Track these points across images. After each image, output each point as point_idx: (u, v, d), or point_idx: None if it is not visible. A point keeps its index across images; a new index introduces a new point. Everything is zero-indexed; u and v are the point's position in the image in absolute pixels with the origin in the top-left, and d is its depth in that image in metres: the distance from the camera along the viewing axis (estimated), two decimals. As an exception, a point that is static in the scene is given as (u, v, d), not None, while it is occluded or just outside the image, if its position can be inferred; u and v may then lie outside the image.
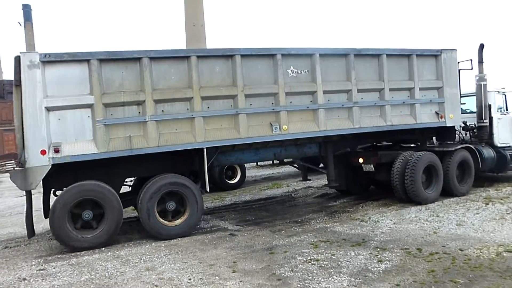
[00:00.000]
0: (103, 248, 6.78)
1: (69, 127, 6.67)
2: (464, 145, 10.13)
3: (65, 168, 6.80)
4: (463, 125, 11.39)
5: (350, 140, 9.30)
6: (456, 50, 9.63)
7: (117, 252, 6.54)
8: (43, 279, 5.52)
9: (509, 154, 11.27)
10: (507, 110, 11.89)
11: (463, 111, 11.60)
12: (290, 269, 5.36)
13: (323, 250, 6.10)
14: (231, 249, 6.47)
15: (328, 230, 7.36)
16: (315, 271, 5.24)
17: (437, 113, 9.37)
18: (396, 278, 4.88)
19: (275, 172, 16.59)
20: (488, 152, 10.81)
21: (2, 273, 5.93)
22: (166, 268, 5.68)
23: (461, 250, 5.74)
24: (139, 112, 7.02)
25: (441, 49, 9.42)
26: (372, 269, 5.20)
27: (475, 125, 11.28)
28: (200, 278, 5.22)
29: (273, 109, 7.87)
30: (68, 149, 6.60)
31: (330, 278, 4.99)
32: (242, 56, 7.63)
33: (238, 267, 5.57)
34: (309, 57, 8.15)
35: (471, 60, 10.35)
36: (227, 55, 7.58)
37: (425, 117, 9.24)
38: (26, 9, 40.68)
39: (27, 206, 6.97)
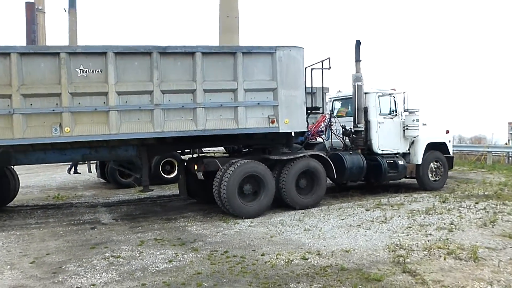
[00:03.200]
0: None
1: None
2: (310, 153, 9.09)
3: None
4: (342, 129, 10.32)
5: (172, 144, 8.72)
6: (297, 47, 8.53)
7: None
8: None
9: (389, 162, 10.00)
10: (395, 113, 10.52)
11: (349, 114, 10.51)
12: (78, 265, 5.69)
13: (141, 248, 6.42)
14: (66, 242, 6.94)
15: (182, 229, 7.64)
16: (95, 267, 5.59)
17: (269, 118, 8.44)
18: (164, 277, 5.15)
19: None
20: (353, 160, 9.67)
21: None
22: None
23: (263, 255, 5.88)
24: None
25: (276, 46, 8.40)
26: (151, 268, 5.48)
27: (351, 129, 10.13)
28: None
29: (54, 110, 7.57)
30: None
31: (97, 275, 5.28)
32: (20, 54, 7.41)
33: (42, 260, 5.97)
34: (102, 55, 7.70)
35: (328, 58, 9.22)
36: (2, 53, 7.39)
37: (253, 122, 8.34)
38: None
39: None
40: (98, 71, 7.70)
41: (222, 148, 13.95)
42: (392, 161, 10.26)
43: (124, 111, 7.81)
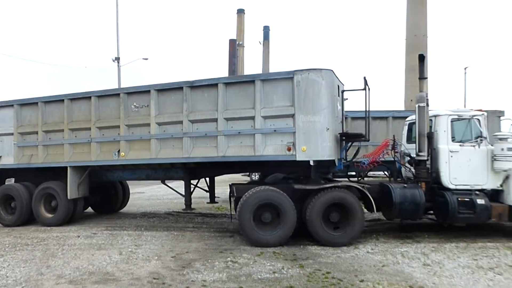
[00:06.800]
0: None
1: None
2: (340, 183, 8.18)
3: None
4: (406, 158, 8.95)
5: (210, 168, 9.42)
6: (317, 69, 7.96)
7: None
8: None
9: (462, 200, 8.07)
10: (475, 140, 8.32)
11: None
12: (202, 263, 6.93)
13: (258, 258, 7.24)
14: (205, 244, 8.30)
15: (303, 247, 8.05)
16: (214, 267, 6.70)
17: (287, 145, 8.16)
18: (261, 284, 5.86)
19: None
20: (406, 194, 8.21)
21: None
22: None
23: (362, 281, 5.98)
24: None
25: (294, 70, 8.10)
26: (255, 275, 6.26)
27: (413, 158, 8.65)
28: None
29: (114, 138, 9.50)
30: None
31: (211, 274, 6.34)
32: (98, 97, 9.71)
33: (181, 256, 7.39)
34: (147, 93, 9.21)
35: (364, 77, 8.17)
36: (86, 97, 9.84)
37: (271, 149, 8.24)
38: (266, 30, 48.96)
39: None
40: (145, 106, 9.27)
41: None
42: (467, 199, 8.11)
43: (162, 139, 9.11)
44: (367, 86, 8.42)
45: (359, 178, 10.08)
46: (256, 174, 18.83)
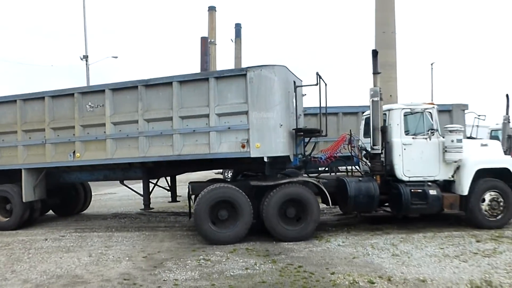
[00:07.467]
0: None
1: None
2: (296, 179, 8.25)
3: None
4: (363, 152, 9.07)
5: (168, 167, 9.36)
6: (270, 66, 7.95)
7: None
8: None
9: (415, 191, 8.26)
10: (426, 132, 8.52)
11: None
12: (174, 263, 6.91)
13: (230, 255, 7.26)
14: (177, 243, 8.24)
15: (276, 243, 8.05)
16: (186, 266, 6.71)
17: (241, 142, 8.16)
18: (233, 281, 5.89)
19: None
20: (361, 188, 8.33)
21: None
22: None
23: (332, 274, 6.07)
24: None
25: (247, 67, 8.10)
26: (227, 272, 6.27)
27: (368, 152, 8.77)
28: None
29: (69, 139, 9.32)
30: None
31: (183, 272, 6.34)
32: (52, 97, 9.49)
33: (152, 256, 7.34)
34: (102, 92, 9.05)
35: (317, 73, 8.23)
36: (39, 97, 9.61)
37: (226, 147, 8.22)
38: (237, 27, 48.92)
39: None
40: (100, 106, 9.11)
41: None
42: (420, 190, 8.31)
43: (118, 139, 8.97)
44: (322, 81, 8.49)
45: (319, 174, 10.18)
46: (229, 171, 18.79)
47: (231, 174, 16.09)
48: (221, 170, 20.72)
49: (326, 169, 11.76)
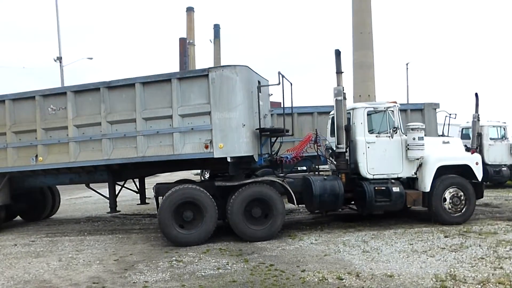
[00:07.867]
0: None
1: None
2: (260, 179, 8.26)
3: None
4: (329, 151, 9.11)
5: (134, 169, 9.26)
6: (231, 66, 7.95)
7: None
8: None
9: (379, 189, 8.34)
10: (394, 131, 8.62)
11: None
12: (146, 265, 6.86)
13: (203, 255, 7.24)
14: (151, 245, 8.21)
15: (249, 242, 8.06)
16: (158, 268, 6.67)
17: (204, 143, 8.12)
18: (203, 281, 5.89)
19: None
20: (325, 186, 8.37)
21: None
22: None
23: (303, 271, 6.12)
24: None
25: (209, 68, 8.07)
26: (198, 273, 6.27)
27: (334, 151, 8.83)
28: None
29: (31, 143, 9.13)
30: None
31: (154, 274, 6.34)
32: (13, 100, 9.28)
33: (124, 259, 7.29)
34: (64, 95, 8.90)
35: (279, 72, 8.24)
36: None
37: (189, 148, 8.17)
38: (216, 28, 48.66)
39: None
40: (62, 108, 8.95)
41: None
42: (384, 188, 8.41)
43: (80, 142, 8.83)
44: (285, 80, 8.50)
45: (287, 173, 10.19)
46: (206, 172, 18.71)
47: (207, 174, 16.06)
48: (199, 171, 20.65)
49: (305, 168, 11.81)
